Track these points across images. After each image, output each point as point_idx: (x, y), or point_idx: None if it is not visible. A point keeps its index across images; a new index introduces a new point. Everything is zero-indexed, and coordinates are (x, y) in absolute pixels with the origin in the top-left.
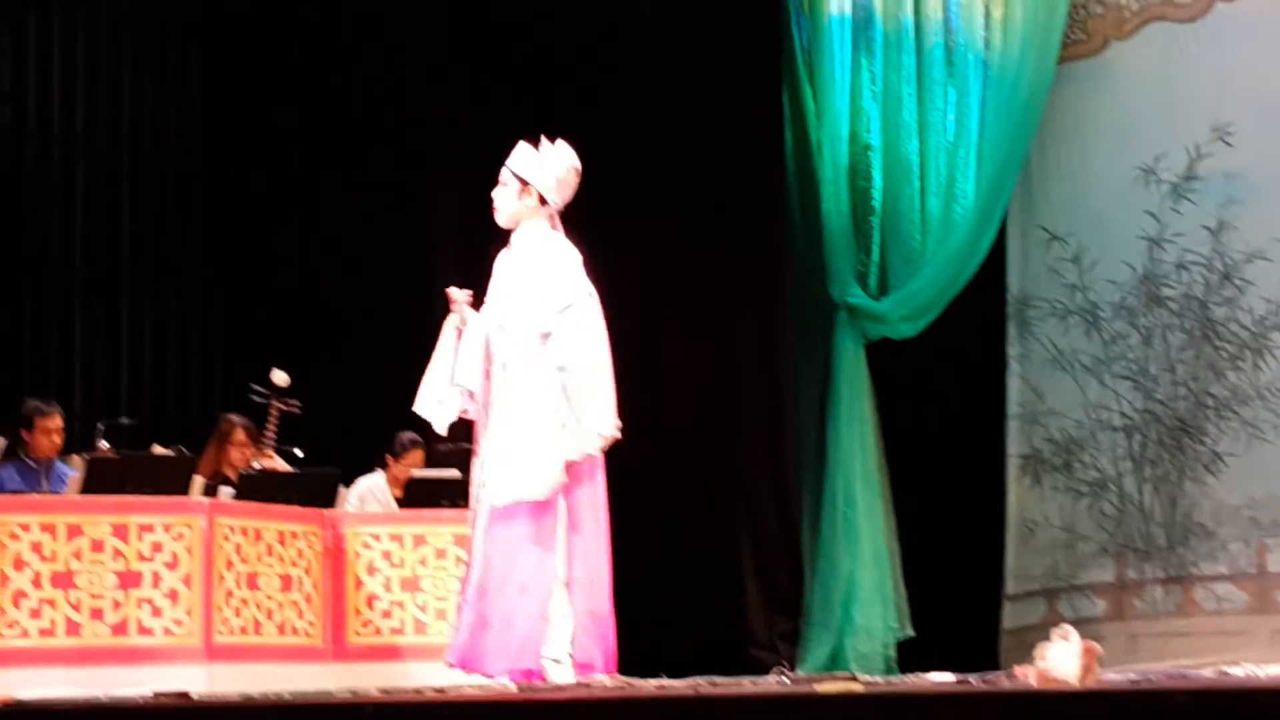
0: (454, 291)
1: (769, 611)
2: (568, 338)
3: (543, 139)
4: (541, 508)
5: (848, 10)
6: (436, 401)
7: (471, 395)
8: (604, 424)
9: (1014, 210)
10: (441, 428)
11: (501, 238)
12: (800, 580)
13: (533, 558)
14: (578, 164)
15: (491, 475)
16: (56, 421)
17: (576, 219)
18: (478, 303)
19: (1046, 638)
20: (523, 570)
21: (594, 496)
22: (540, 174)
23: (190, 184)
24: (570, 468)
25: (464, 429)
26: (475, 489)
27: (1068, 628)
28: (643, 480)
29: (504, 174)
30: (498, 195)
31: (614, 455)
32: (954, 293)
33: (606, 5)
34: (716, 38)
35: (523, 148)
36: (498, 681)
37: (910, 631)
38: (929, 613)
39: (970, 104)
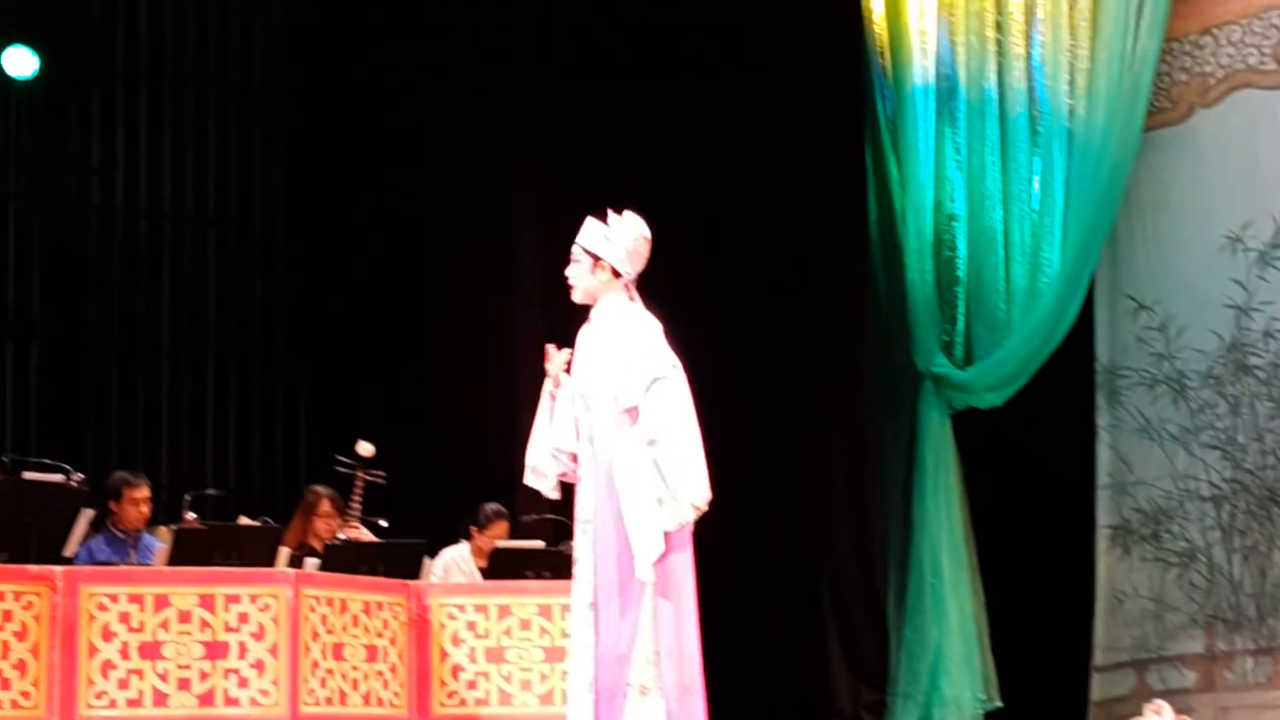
0: (551, 349)
1: (854, 682)
2: (656, 411)
3: (609, 212)
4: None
5: (932, 80)
6: (537, 472)
7: (573, 457)
8: (698, 494)
9: (1101, 279)
10: (550, 494)
11: (584, 312)
12: (886, 651)
13: (629, 629)
14: (647, 233)
15: (598, 553)
16: (144, 492)
17: (658, 289)
18: (541, 364)
19: (1135, 710)
20: (624, 642)
21: (684, 567)
22: (610, 247)
23: (275, 259)
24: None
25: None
26: (578, 565)
27: (1160, 702)
28: (728, 552)
29: (575, 251)
30: (571, 273)
31: (700, 526)
32: (1040, 362)
33: (688, 75)
34: (801, 108)
35: (591, 223)
36: None
37: (998, 703)
38: (1017, 684)
39: (1055, 173)
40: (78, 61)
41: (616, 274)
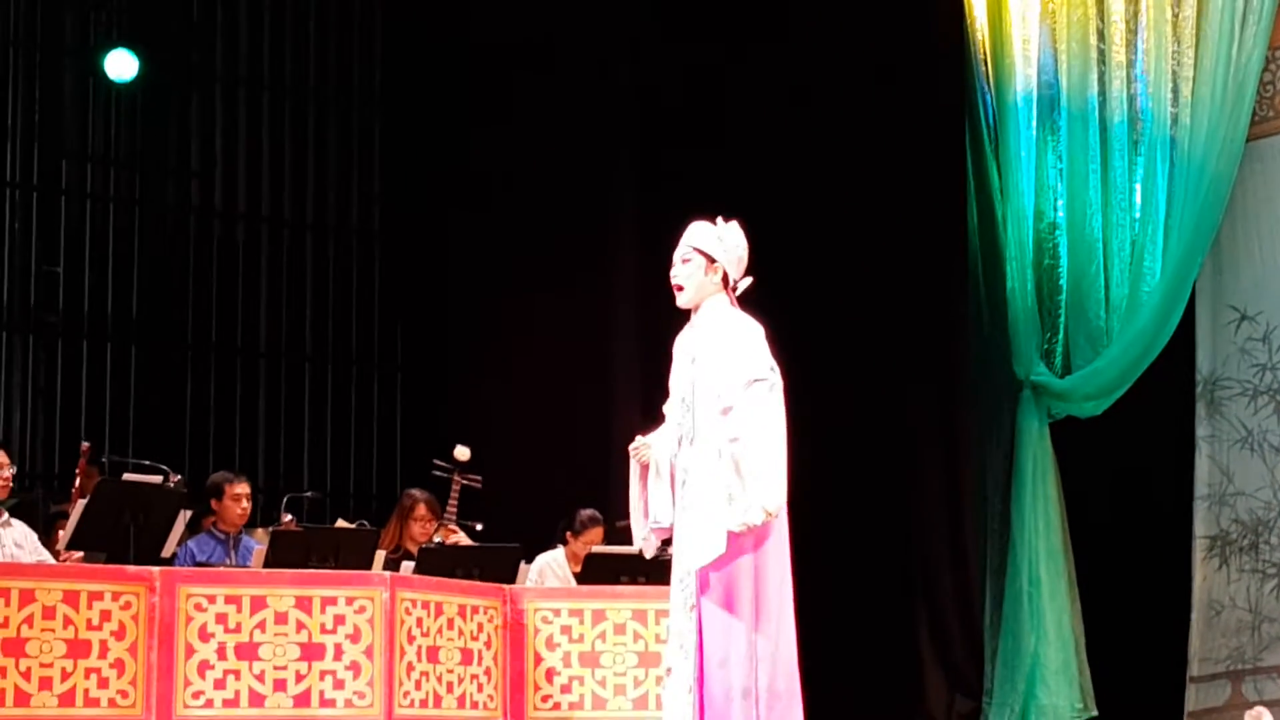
0: (640, 441)
1: (949, 691)
2: (745, 411)
3: (718, 219)
4: (735, 581)
5: (1033, 88)
6: (641, 539)
7: (670, 527)
8: (770, 498)
9: (1203, 289)
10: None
11: (678, 320)
12: (980, 659)
13: (733, 632)
14: (746, 242)
15: (677, 547)
16: (245, 488)
17: (759, 296)
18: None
19: None
20: (723, 645)
21: (780, 572)
22: (723, 249)
23: (371, 262)
24: (748, 538)
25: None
26: (677, 568)
27: (1261, 709)
28: (825, 558)
29: (685, 251)
30: (681, 273)
31: (797, 531)
32: (1139, 371)
33: (792, 82)
34: (903, 115)
35: (701, 225)
36: None
37: (1094, 712)
38: (1112, 694)
39: (1157, 182)
40: (177, 65)
41: (725, 278)
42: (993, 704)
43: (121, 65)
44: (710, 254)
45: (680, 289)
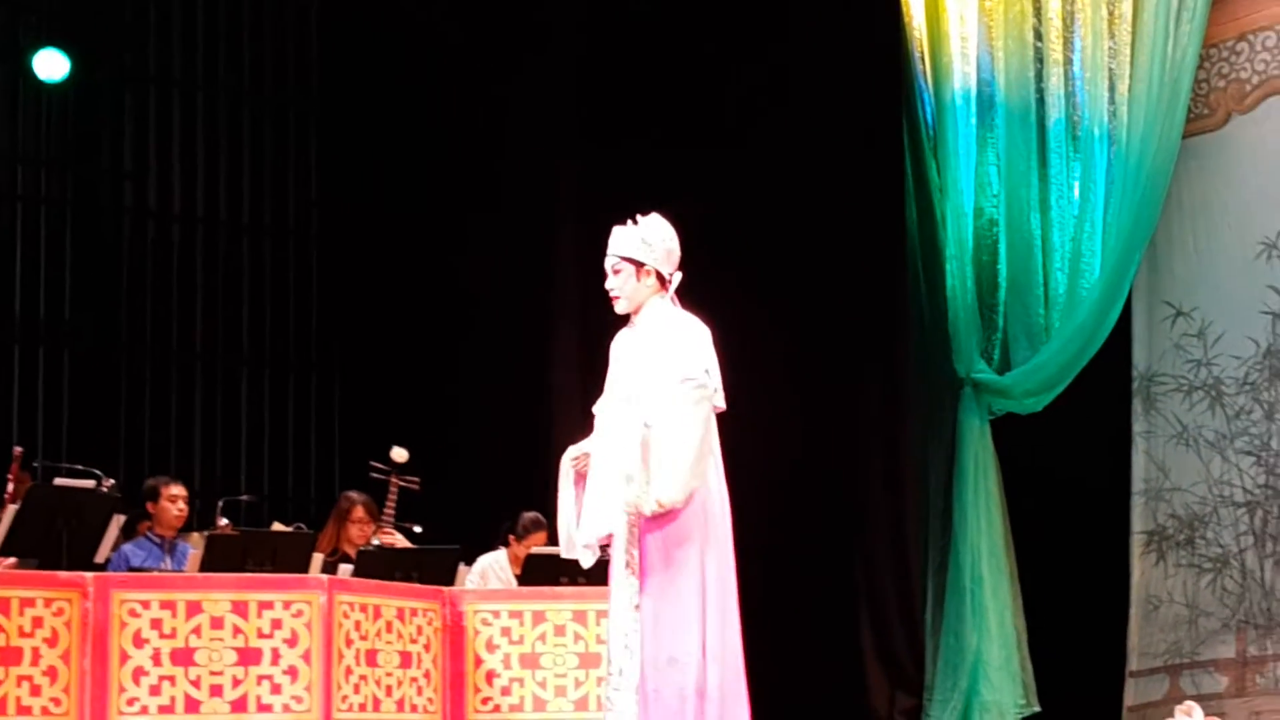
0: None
1: (891, 688)
2: (667, 404)
3: (638, 217)
4: (681, 578)
5: (971, 86)
6: (574, 547)
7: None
8: (668, 493)
9: (1139, 285)
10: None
11: (618, 321)
12: (922, 656)
13: (678, 632)
14: (673, 231)
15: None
16: (181, 490)
17: (695, 295)
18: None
19: (1169, 714)
20: (672, 644)
21: (725, 570)
22: (650, 251)
23: (308, 264)
24: (695, 536)
25: None
26: (616, 567)
27: (1191, 704)
28: (768, 557)
29: (613, 262)
30: (614, 284)
31: (739, 529)
32: (1079, 368)
33: (728, 81)
34: (841, 115)
35: (621, 232)
36: None
37: (1037, 707)
38: (1052, 689)
39: (1095, 179)
40: (109, 65)
41: (660, 278)
42: (934, 700)
43: (51, 65)
44: (637, 260)
45: (616, 299)
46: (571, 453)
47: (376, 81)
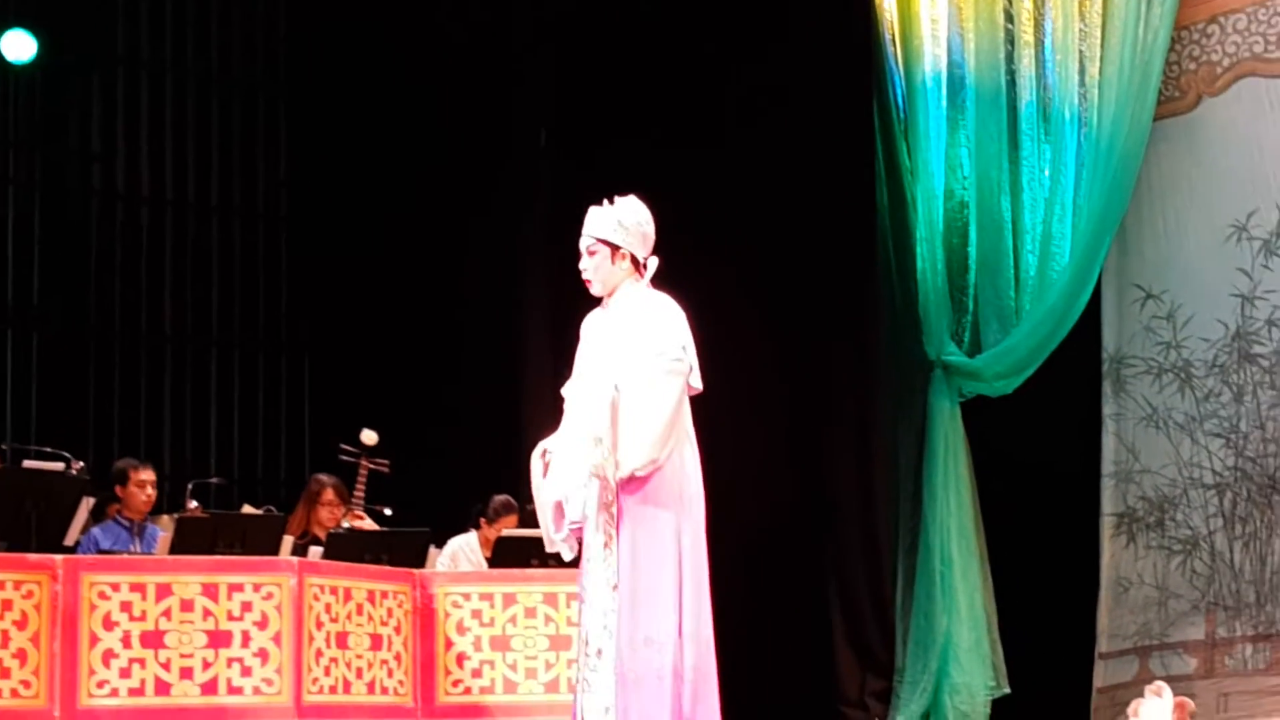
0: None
1: (861, 670)
2: (642, 375)
3: (607, 200)
4: (660, 558)
5: (942, 69)
6: (556, 542)
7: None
8: (634, 458)
9: (1109, 267)
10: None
11: (589, 302)
12: (892, 639)
13: (656, 613)
14: (649, 214)
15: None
16: (150, 475)
17: (671, 278)
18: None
19: (1139, 695)
20: (649, 624)
21: (699, 550)
22: (625, 235)
23: (278, 246)
24: (672, 516)
25: None
26: (591, 550)
27: (1160, 683)
28: (737, 538)
29: (589, 243)
30: (589, 267)
31: (709, 513)
32: (1049, 350)
33: (698, 63)
34: (812, 96)
35: (596, 213)
36: None
37: (1007, 689)
38: (1023, 670)
39: (1066, 162)
40: (78, 46)
41: (635, 261)
42: (904, 682)
43: (19, 46)
44: (613, 242)
45: (590, 281)
46: (541, 448)
47: (345, 62)
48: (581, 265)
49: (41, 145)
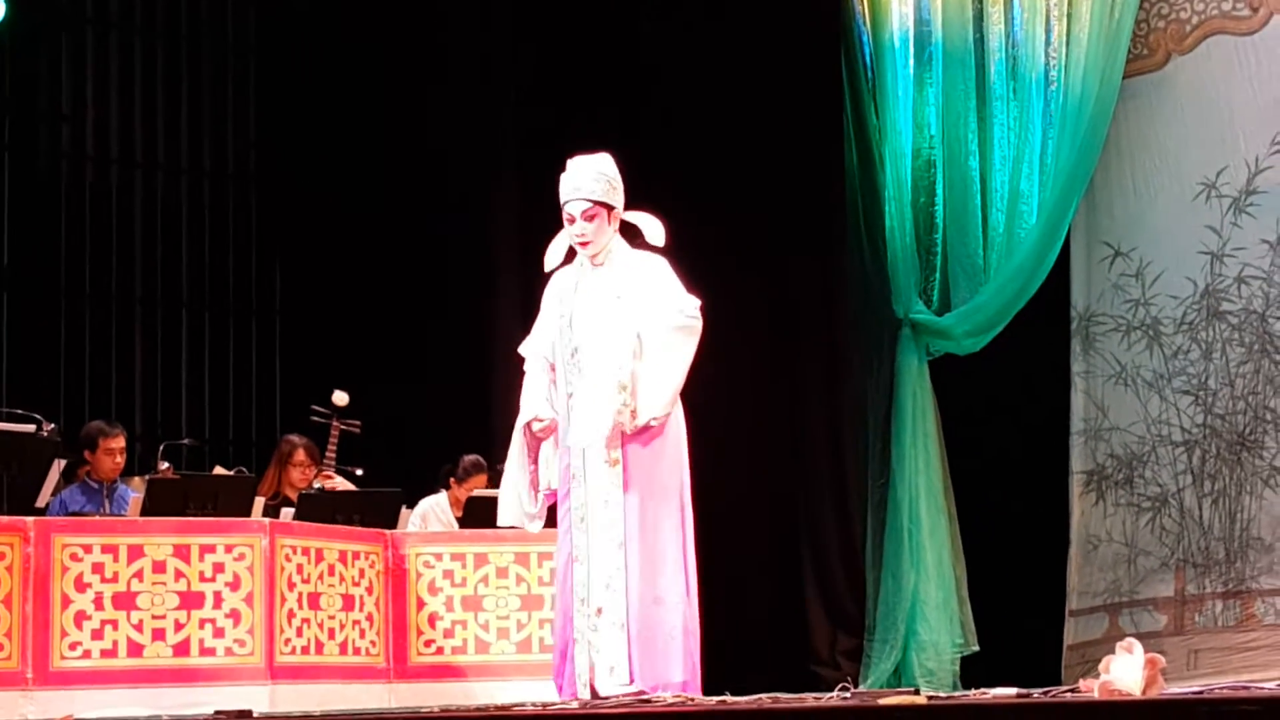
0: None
1: (832, 628)
2: (667, 325)
3: (590, 156)
4: (665, 517)
5: (910, 26)
6: (531, 517)
7: (552, 495)
8: (651, 407)
9: (1077, 225)
10: (537, 530)
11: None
12: (863, 597)
13: (665, 570)
14: None
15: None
16: (120, 442)
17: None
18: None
19: (1110, 652)
20: (656, 583)
21: (690, 511)
22: (617, 194)
23: (248, 206)
24: (675, 474)
25: None
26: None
27: (1131, 640)
28: (706, 498)
29: (584, 208)
30: (588, 231)
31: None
32: (1018, 308)
33: (665, 21)
34: (779, 55)
35: (584, 174)
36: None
37: (975, 647)
38: (993, 628)
39: (1033, 120)
40: (46, 7)
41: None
42: (875, 641)
43: None
44: (609, 203)
45: (587, 244)
46: (528, 415)
47: (314, 22)
48: (579, 231)
49: (10, 107)
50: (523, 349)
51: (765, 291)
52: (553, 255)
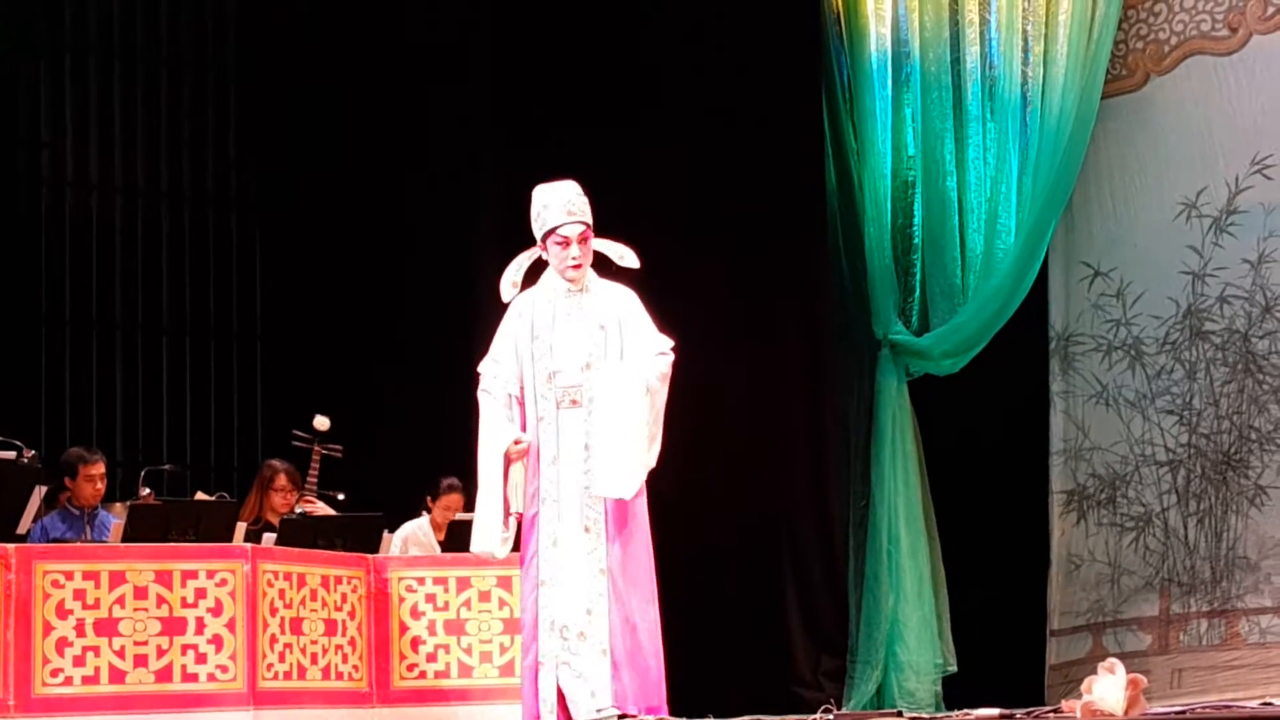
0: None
1: (814, 649)
2: (655, 371)
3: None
4: (640, 546)
5: (888, 48)
6: (506, 541)
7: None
8: (654, 456)
9: (1057, 246)
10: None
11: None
12: (845, 618)
13: (643, 597)
14: None
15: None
16: (100, 468)
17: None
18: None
19: (1092, 672)
20: (635, 610)
21: (645, 536)
22: (591, 216)
23: (229, 232)
24: (644, 502)
25: None
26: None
27: (1113, 660)
28: (688, 519)
29: (579, 231)
30: (583, 254)
31: (660, 495)
32: (997, 329)
33: (645, 46)
34: (758, 77)
35: (570, 198)
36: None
37: (954, 668)
38: (974, 649)
39: (1011, 140)
40: (24, 33)
41: None
42: (857, 662)
43: None
44: (592, 225)
45: (580, 267)
46: (506, 439)
47: (294, 45)
48: (574, 255)
49: None
50: (482, 367)
51: (745, 313)
52: (510, 284)
